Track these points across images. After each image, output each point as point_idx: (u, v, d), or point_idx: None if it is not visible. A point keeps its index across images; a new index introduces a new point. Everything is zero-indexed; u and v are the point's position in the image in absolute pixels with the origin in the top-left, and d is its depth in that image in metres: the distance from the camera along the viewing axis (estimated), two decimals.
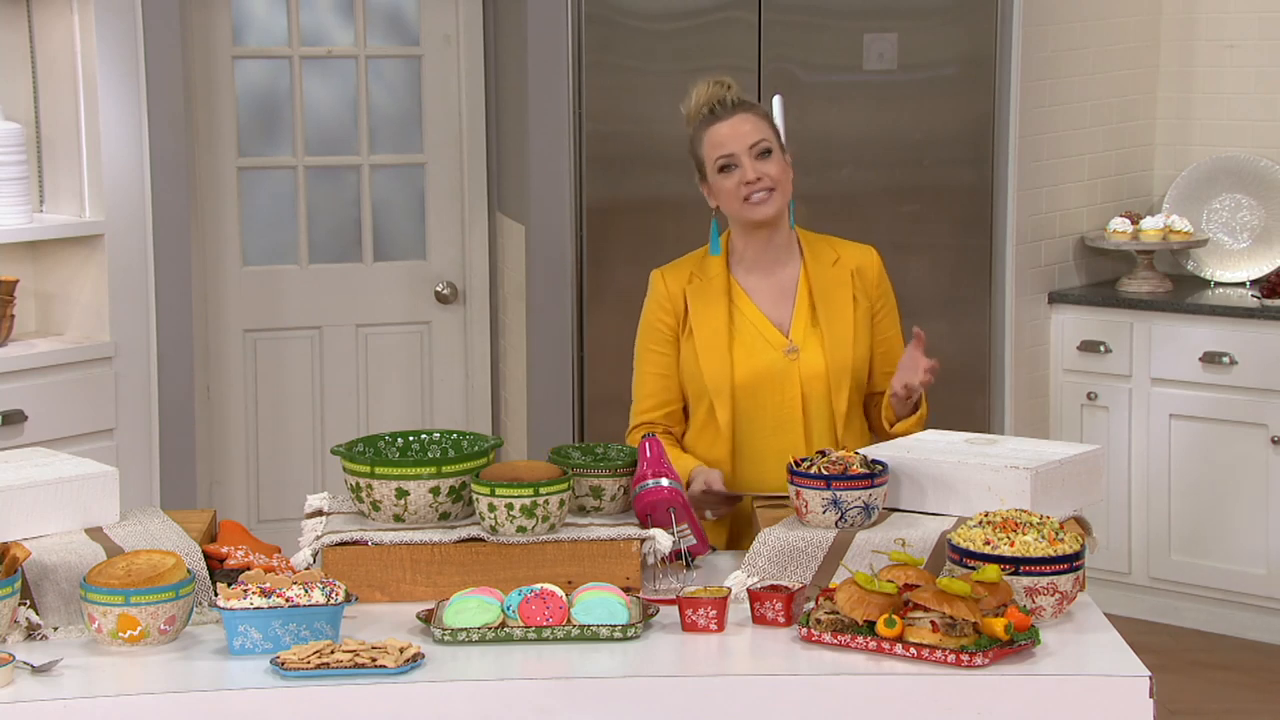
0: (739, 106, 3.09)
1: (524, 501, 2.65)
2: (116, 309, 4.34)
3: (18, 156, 4.18)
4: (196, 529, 2.78)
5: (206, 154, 4.78)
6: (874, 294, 3.14)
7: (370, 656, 2.37)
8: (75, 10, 4.22)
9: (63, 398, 4.21)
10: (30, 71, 4.31)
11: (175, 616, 2.47)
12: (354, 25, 4.95)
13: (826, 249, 3.15)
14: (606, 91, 4.62)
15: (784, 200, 3.08)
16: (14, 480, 2.70)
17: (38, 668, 2.36)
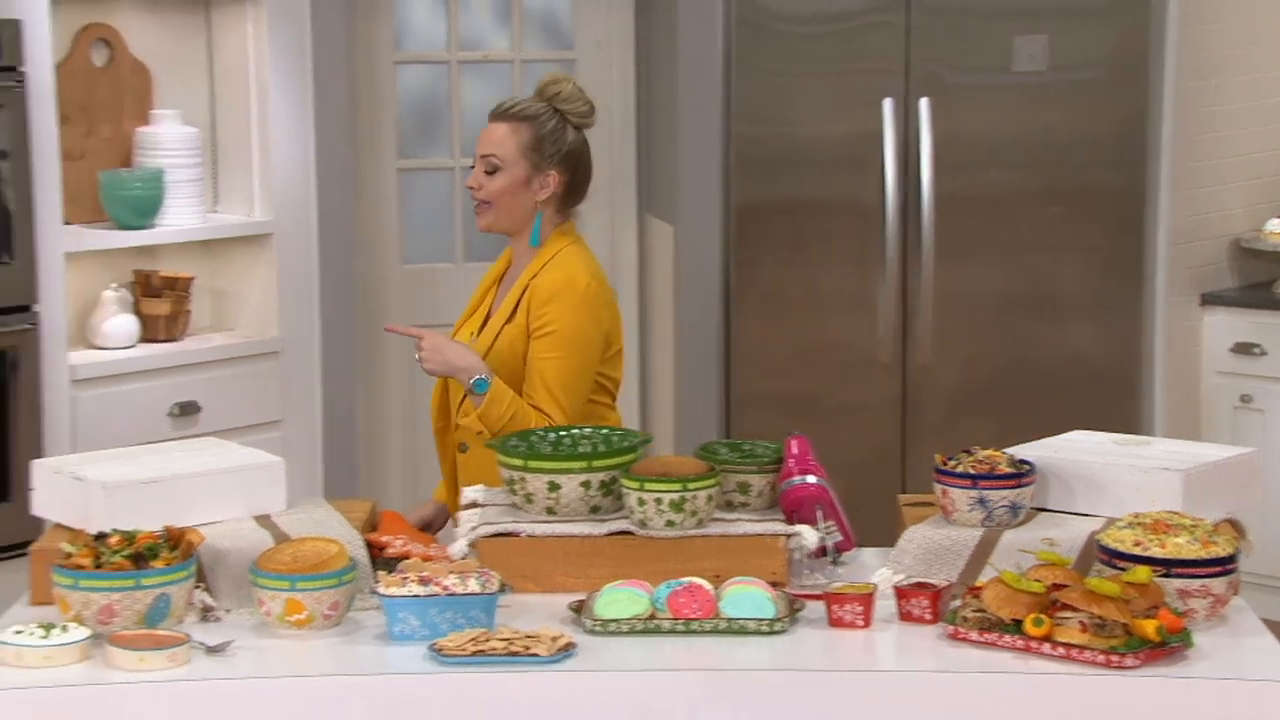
0: (503, 115, 3.14)
1: (673, 496, 2.66)
2: (284, 305, 4.43)
3: (194, 159, 4.29)
4: (358, 518, 2.84)
5: (368, 156, 4.87)
6: (534, 314, 3.10)
7: (524, 645, 2.39)
8: (250, 20, 4.32)
9: (233, 390, 4.31)
10: (208, 78, 4.42)
11: (339, 602, 2.52)
12: (510, 30, 5.01)
13: (540, 262, 3.14)
14: (755, 94, 4.62)
15: (498, 218, 3.13)
16: (189, 468, 2.77)
17: (212, 648, 2.42)
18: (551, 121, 3.13)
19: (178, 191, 4.25)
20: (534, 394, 3.08)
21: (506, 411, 3.03)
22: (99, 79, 4.25)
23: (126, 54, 4.29)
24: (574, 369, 3.08)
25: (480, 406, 3.03)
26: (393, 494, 4.90)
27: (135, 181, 4.18)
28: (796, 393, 4.69)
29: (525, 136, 3.10)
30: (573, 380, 3.07)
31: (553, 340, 3.07)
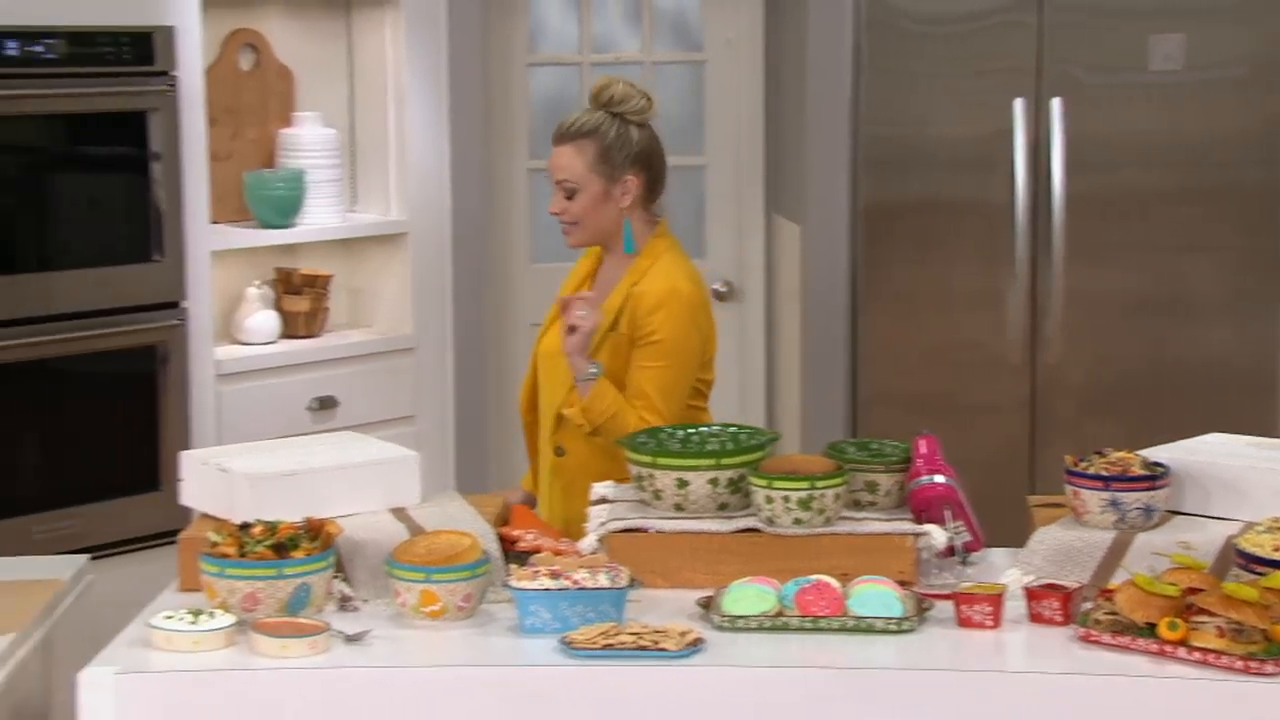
0: (565, 137, 3.12)
1: (801, 494, 2.65)
2: (418, 303, 4.50)
3: (334, 160, 4.37)
4: (490, 513, 2.86)
5: (501, 157, 4.91)
6: (638, 323, 3.09)
7: (653, 639, 2.40)
8: (389, 24, 4.39)
9: (369, 385, 4.38)
10: (348, 81, 4.50)
11: (472, 594, 2.55)
12: (641, 32, 5.02)
13: (641, 270, 3.13)
14: (885, 94, 4.58)
15: (587, 234, 3.14)
16: (328, 462, 2.82)
17: (350, 637, 2.46)
18: (613, 129, 3.11)
19: (318, 191, 4.33)
20: (635, 400, 3.07)
21: (610, 408, 3.04)
22: (246, 82, 4.34)
23: (272, 58, 4.38)
24: (675, 377, 3.08)
25: (587, 398, 3.04)
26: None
27: (278, 182, 4.27)
28: (925, 392, 4.65)
29: (590, 153, 3.09)
30: (673, 388, 3.08)
31: (657, 349, 3.07)
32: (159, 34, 3.92)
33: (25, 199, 3.83)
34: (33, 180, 3.85)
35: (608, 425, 3.03)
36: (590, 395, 3.03)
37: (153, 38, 3.90)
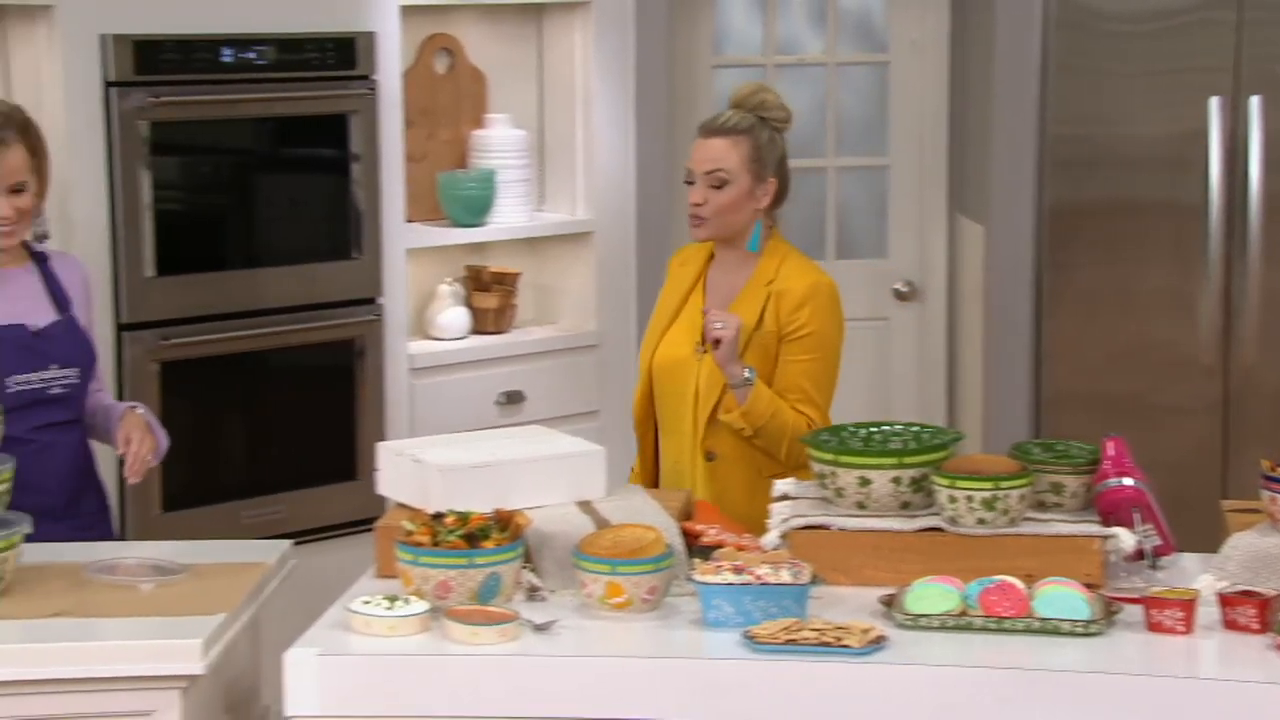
0: (720, 131, 3.11)
1: (984, 494, 2.61)
2: (603, 300, 4.53)
3: (523, 160, 4.43)
4: (674, 507, 2.87)
5: (685, 157, 4.89)
6: (785, 319, 3.07)
7: (835, 636, 2.38)
8: (579, 28, 4.44)
9: (555, 381, 4.43)
10: (538, 84, 4.56)
11: (656, 587, 2.56)
12: (825, 34, 4.99)
13: (772, 268, 3.12)
14: (1074, 94, 4.49)
15: (718, 229, 3.12)
16: (518, 454, 2.86)
17: (538, 626, 2.49)
18: (765, 132, 3.13)
19: (507, 191, 4.39)
20: (789, 394, 3.07)
21: (769, 407, 3.04)
22: (440, 85, 4.43)
23: (466, 62, 4.46)
24: (826, 369, 3.10)
25: (746, 402, 3.03)
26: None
27: (470, 182, 4.34)
28: (1112, 393, 4.54)
29: (745, 149, 3.10)
30: (825, 379, 3.10)
31: (808, 342, 3.08)
32: (361, 39, 4.02)
33: (235, 199, 3.96)
34: (241, 181, 3.98)
35: (768, 426, 3.04)
36: (749, 399, 3.03)
37: (355, 43, 4.01)
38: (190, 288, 3.85)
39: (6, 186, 2.88)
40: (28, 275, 2.99)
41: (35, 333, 2.95)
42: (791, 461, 3.06)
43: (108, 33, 3.67)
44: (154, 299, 3.80)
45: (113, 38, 3.68)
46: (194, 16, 3.79)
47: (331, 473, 4.03)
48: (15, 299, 2.95)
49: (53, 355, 2.96)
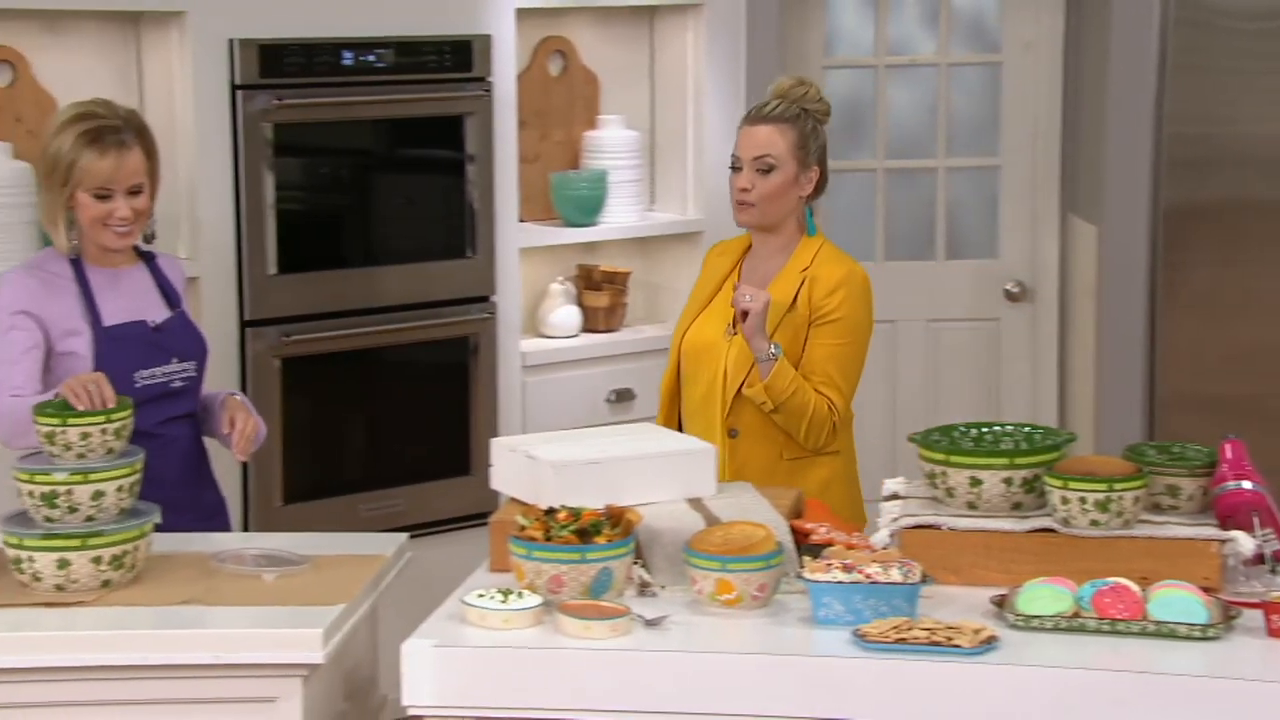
0: (766, 118, 3.15)
1: (1098, 496, 2.57)
2: None
3: (635, 161, 4.44)
4: (783, 505, 2.86)
5: None
6: (817, 303, 3.11)
7: (946, 635, 2.36)
8: (690, 29, 4.44)
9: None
10: (649, 85, 4.57)
11: (766, 584, 2.56)
12: (937, 34, 4.95)
13: (808, 256, 3.16)
14: (1192, 92, 4.40)
15: (764, 215, 3.14)
16: (628, 451, 2.86)
17: (649, 621, 2.50)
18: (809, 122, 3.18)
19: (619, 191, 4.41)
20: (813, 376, 3.11)
21: (791, 385, 3.07)
22: (554, 87, 4.46)
23: (579, 64, 4.48)
24: (854, 354, 3.14)
25: (769, 377, 3.05)
26: None
27: (582, 182, 4.37)
28: (1230, 396, 4.45)
29: (791, 137, 3.15)
30: (852, 365, 3.14)
31: (837, 328, 3.12)
32: (478, 42, 4.06)
33: (353, 199, 4.02)
34: (360, 181, 4.04)
35: (789, 402, 3.07)
36: (773, 374, 3.06)
37: (472, 46, 4.05)
38: (310, 285, 3.91)
39: (126, 188, 2.94)
40: (140, 273, 3.05)
41: (155, 328, 3.01)
42: (810, 443, 3.11)
43: (235, 37, 3.74)
44: (276, 296, 3.87)
45: (239, 42, 3.75)
46: (317, 21, 3.86)
47: (446, 468, 4.08)
48: (132, 296, 3.01)
49: (173, 350, 3.02)
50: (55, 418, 2.65)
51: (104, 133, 2.91)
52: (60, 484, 2.59)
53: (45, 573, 2.57)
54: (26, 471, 2.62)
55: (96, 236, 2.95)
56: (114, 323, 2.96)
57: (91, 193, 2.92)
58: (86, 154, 2.90)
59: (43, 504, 2.61)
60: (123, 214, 2.93)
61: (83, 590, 2.58)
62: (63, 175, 2.91)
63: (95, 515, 2.62)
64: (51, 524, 2.61)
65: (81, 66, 3.74)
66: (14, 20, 3.67)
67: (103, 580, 2.60)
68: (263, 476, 3.86)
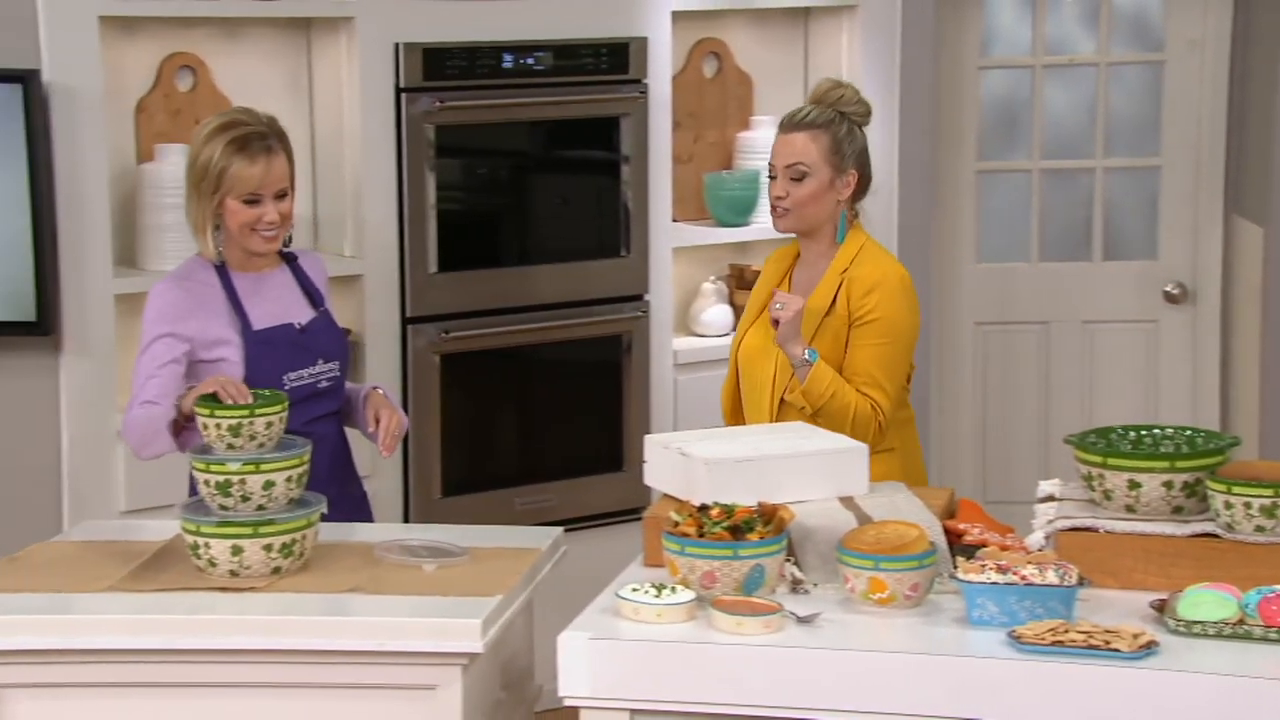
0: (800, 125, 3.13)
1: (1264, 501, 2.50)
2: None
3: None
4: (937, 505, 2.84)
5: (949, 157, 4.86)
6: (855, 304, 3.11)
7: (1104, 639, 2.32)
8: (845, 30, 4.43)
9: None
10: (802, 86, 4.54)
11: (919, 584, 2.54)
12: (1097, 34, 4.85)
13: (848, 257, 3.15)
14: None
15: (801, 221, 3.14)
16: (780, 449, 2.85)
17: (802, 618, 2.49)
18: (844, 125, 3.15)
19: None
20: (855, 378, 3.10)
21: (829, 388, 3.06)
22: (708, 89, 4.47)
23: (733, 65, 4.49)
24: (894, 355, 3.11)
25: (806, 381, 3.04)
26: (964, 482, 4.88)
27: (735, 182, 4.37)
28: None
29: (825, 142, 3.13)
30: (894, 365, 3.11)
31: (875, 328, 3.10)
32: (634, 45, 4.09)
33: (511, 199, 4.08)
34: (517, 181, 4.09)
35: (828, 406, 3.06)
36: (809, 378, 3.05)
37: (628, 48, 4.08)
38: (469, 284, 3.98)
39: (273, 193, 2.97)
40: (283, 275, 3.08)
41: (301, 330, 3.04)
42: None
43: (400, 41, 3.82)
44: (436, 294, 3.95)
45: (404, 46, 3.83)
46: (478, 25, 3.92)
47: (599, 463, 4.12)
48: (277, 299, 3.05)
49: (318, 350, 3.05)
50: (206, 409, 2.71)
51: (251, 139, 2.95)
52: (234, 474, 2.67)
53: (220, 558, 2.66)
54: (203, 461, 2.70)
55: (245, 241, 2.99)
56: (262, 327, 2.99)
57: (241, 199, 2.95)
58: (236, 161, 2.93)
59: (217, 492, 2.69)
60: (271, 218, 2.97)
61: (255, 576, 2.66)
62: (213, 182, 2.95)
63: (266, 504, 2.69)
64: (226, 512, 2.69)
65: (256, 71, 3.86)
66: (196, 27, 3.80)
67: (273, 567, 2.67)
68: (422, 470, 3.93)
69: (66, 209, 3.55)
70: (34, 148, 3.45)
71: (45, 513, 3.56)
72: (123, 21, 3.68)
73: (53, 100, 3.50)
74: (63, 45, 3.51)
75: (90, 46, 3.54)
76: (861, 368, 3.11)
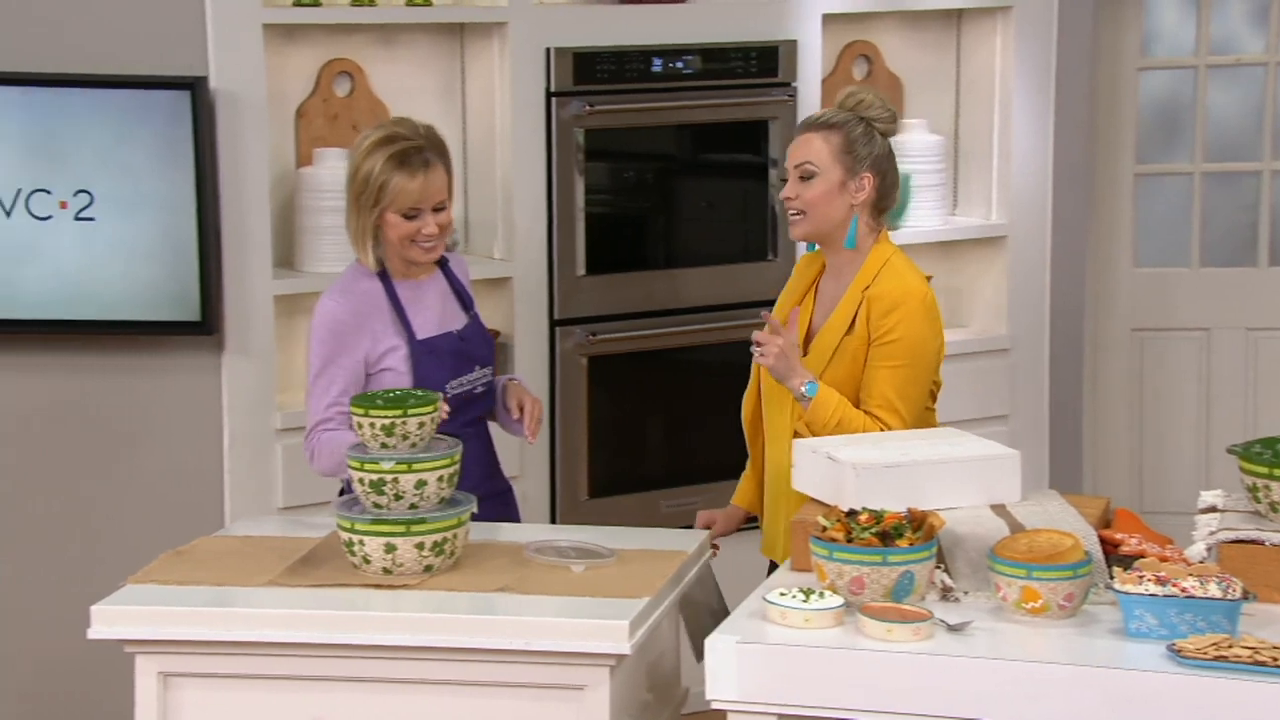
0: (814, 126, 3.05)
1: None
2: (1014, 304, 4.44)
3: (938, 166, 4.39)
4: (1091, 514, 2.78)
5: (1106, 160, 4.77)
6: (875, 325, 3.01)
7: (1271, 656, 2.25)
8: (999, 32, 4.37)
9: (965, 384, 4.36)
10: (954, 89, 4.51)
11: (1074, 594, 2.49)
12: (1266, 32, 4.71)
13: (871, 273, 3.04)
14: None
15: (814, 225, 3.03)
16: (930, 455, 2.82)
17: (952, 626, 2.46)
18: (859, 127, 3.04)
19: (922, 196, 4.36)
20: (870, 400, 3.00)
21: (833, 416, 2.96)
22: None
23: (883, 68, 4.46)
24: (913, 377, 3.01)
25: (809, 411, 2.96)
26: (1119, 491, 4.79)
27: None
28: None
29: (836, 142, 3.02)
30: (911, 388, 3.01)
31: (894, 349, 3.00)
32: (784, 48, 4.08)
33: (657, 202, 4.10)
34: (664, 185, 4.11)
35: (834, 433, 2.96)
36: (811, 408, 2.96)
37: (778, 51, 4.07)
38: (616, 286, 4.01)
39: (432, 206, 3.01)
40: (437, 282, 3.11)
41: (460, 337, 3.08)
42: None
43: (552, 45, 3.87)
44: (584, 297, 3.98)
45: (555, 50, 3.87)
46: (628, 29, 3.95)
47: (743, 467, 4.10)
48: (435, 307, 3.08)
49: (475, 357, 3.09)
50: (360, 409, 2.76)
51: (410, 154, 2.98)
52: (387, 472, 2.72)
53: (374, 556, 2.71)
54: (357, 459, 2.76)
55: (404, 253, 3.02)
56: (425, 336, 3.03)
57: (401, 213, 2.99)
58: (397, 176, 2.97)
59: (371, 491, 2.74)
60: (429, 231, 3.00)
61: (407, 574, 2.70)
62: (373, 196, 2.99)
63: (418, 503, 2.74)
64: (379, 510, 2.74)
65: (411, 76, 3.93)
66: (354, 34, 3.88)
67: (425, 565, 2.72)
68: (569, 471, 3.97)
69: (230, 212, 3.65)
70: (200, 152, 3.56)
71: (209, 507, 3.67)
72: (285, 29, 3.78)
73: (219, 106, 3.60)
74: (229, 53, 3.61)
75: (254, 54, 3.63)
76: (877, 390, 3.01)
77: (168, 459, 3.69)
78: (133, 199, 3.56)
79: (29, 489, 3.65)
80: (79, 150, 3.53)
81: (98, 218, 3.56)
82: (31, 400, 3.64)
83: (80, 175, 3.54)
